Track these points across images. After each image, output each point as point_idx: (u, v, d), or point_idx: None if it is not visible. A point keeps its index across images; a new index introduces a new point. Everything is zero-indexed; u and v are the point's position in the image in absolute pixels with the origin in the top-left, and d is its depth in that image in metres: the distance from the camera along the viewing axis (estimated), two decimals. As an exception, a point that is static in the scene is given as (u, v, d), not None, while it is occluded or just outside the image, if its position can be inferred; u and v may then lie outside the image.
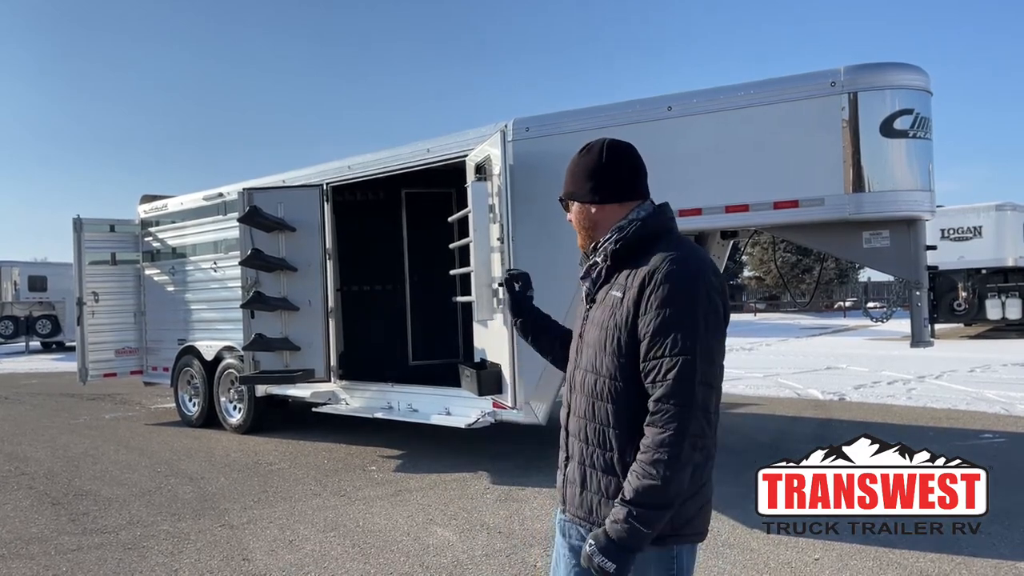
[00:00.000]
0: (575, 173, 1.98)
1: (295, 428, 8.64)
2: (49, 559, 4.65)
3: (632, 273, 1.80)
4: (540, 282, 6.73)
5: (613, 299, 1.82)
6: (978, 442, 7.05)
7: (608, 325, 1.81)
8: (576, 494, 1.88)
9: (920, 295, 5.21)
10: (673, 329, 1.68)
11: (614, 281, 1.85)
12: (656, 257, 1.76)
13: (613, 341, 1.79)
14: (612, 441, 1.80)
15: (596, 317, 1.87)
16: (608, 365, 1.80)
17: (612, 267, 1.87)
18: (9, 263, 25.72)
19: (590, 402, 1.85)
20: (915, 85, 5.11)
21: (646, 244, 1.83)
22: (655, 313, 1.71)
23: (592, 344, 1.86)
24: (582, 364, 1.90)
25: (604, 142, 1.95)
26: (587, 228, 1.96)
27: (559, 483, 1.99)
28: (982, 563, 4.11)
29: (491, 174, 5.91)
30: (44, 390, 13.86)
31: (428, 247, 9.04)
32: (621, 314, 1.78)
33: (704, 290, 1.72)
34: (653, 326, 1.70)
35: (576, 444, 1.90)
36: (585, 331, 1.92)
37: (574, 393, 1.93)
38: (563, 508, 1.96)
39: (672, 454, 1.64)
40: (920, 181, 5.12)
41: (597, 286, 1.91)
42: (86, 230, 9.88)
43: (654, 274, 1.73)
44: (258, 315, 7.51)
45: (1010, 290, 18.66)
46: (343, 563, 4.43)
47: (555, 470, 2.04)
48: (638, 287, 1.75)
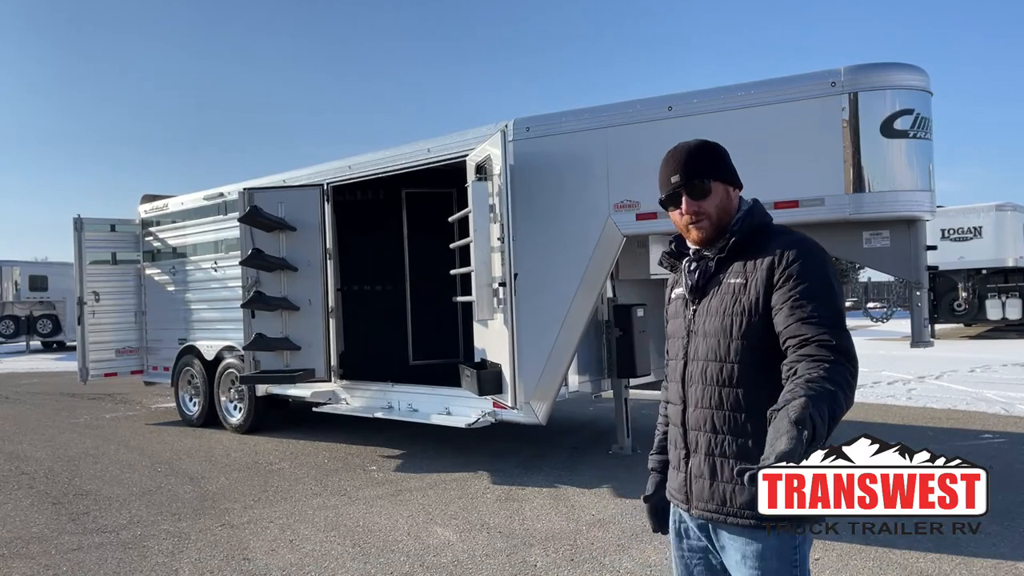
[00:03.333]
0: (716, 154, 1.98)
1: (295, 428, 8.65)
2: (49, 559, 4.66)
3: (751, 261, 1.86)
4: (539, 282, 6.74)
5: (733, 286, 1.86)
6: (978, 442, 7.05)
7: (732, 311, 1.85)
8: (705, 488, 1.88)
9: (920, 295, 5.21)
10: (816, 292, 1.75)
11: (727, 271, 1.90)
12: (777, 241, 1.86)
13: (741, 326, 1.83)
14: (746, 425, 1.82)
15: (713, 307, 1.89)
16: (735, 350, 1.84)
17: (725, 258, 1.91)
18: (9, 263, 25.70)
19: (715, 390, 1.87)
20: (915, 85, 5.11)
21: (758, 234, 1.91)
22: (793, 283, 1.77)
23: (713, 333, 1.88)
24: (699, 356, 1.91)
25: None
26: (725, 215, 1.95)
27: (677, 484, 1.98)
28: (981, 563, 4.11)
29: (491, 174, 5.91)
30: (44, 390, 13.86)
31: (428, 247, 9.05)
32: (747, 298, 1.83)
33: (830, 264, 1.84)
34: (797, 292, 1.76)
35: (702, 436, 1.90)
36: (699, 324, 1.92)
37: (691, 386, 1.93)
38: (686, 507, 1.95)
39: (836, 382, 1.58)
40: (920, 181, 5.12)
41: (705, 279, 1.94)
42: (87, 230, 9.89)
43: (783, 254, 1.81)
44: (258, 315, 7.51)
45: (1010, 290, 18.65)
46: (343, 562, 4.43)
47: (555, 470, 2.05)
48: (766, 269, 1.82)
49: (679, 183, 1.95)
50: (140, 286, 10.25)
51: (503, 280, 5.75)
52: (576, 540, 4.68)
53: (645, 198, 5.54)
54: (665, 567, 4.19)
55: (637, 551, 4.44)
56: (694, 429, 1.92)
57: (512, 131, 6.00)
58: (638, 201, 5.56)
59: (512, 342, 5.78)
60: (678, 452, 1.98)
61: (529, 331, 5.83)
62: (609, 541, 4.64)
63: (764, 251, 1.85)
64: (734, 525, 1.84)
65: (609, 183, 5.69)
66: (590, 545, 4.59)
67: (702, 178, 1.94)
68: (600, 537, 4.71)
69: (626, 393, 6.69)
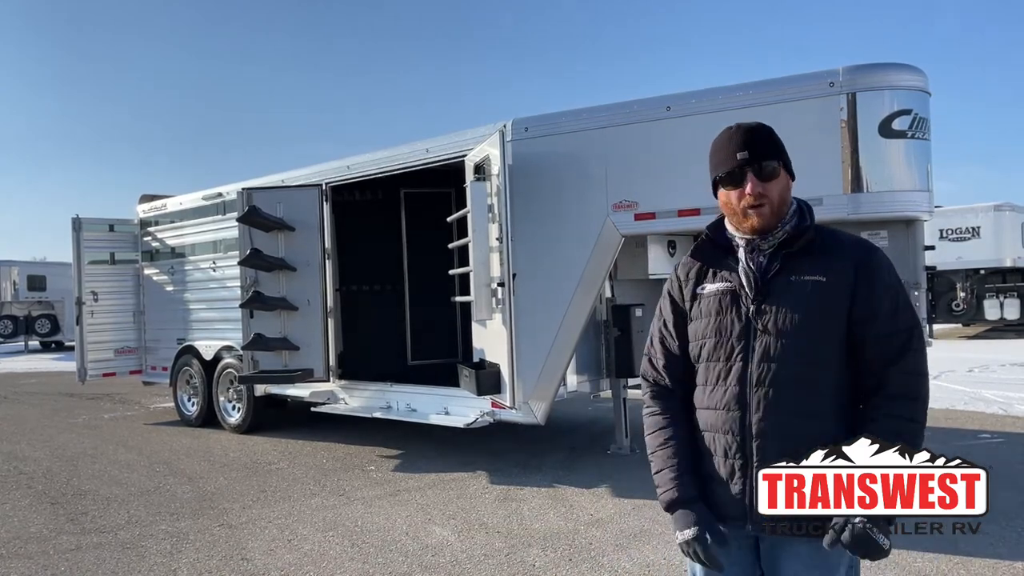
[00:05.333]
0: (773, 140, 1.85)
1: (294, 428, 8.64)
2: (48, 559, 4.65)
3: (827, 257, 1.80)
4: (539, 282, 6.73)
5: (813, 284, 1.77)
6: (976, 442, 7.06)
7: (814, 309, 1.76)
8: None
9: (918, 295, 5.21)
10: (903, 305, 1.80)
11: (798, 267, 1.79)
12: (854, 242, 1.85)
13: (827, 327, 1.77)
14: (830, 432, 1.73)
15: (790, 304, 1.76)
16: (823, 351, 1.77)
17: (794, 253, 1.80)
18: (8, 262, 25.67)
19: (797, 393, 1.75)
20: (913, 85, 5.11)
21: (816, 231, 1.85)
22: (883, 291, 1.79)
23: (794, 333, 1.75)
24: (773, 357, 1.76)
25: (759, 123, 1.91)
26: (781, 204, 1.82)
27: (729, 498, 1.82)
28: (980, 563, 4.12)
29: (490, 174, 5.91)
30: (43, 390, 13.85)
31: (427, 247, 9.04)
32: (832, 298, 1.77)
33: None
34: (886, 303, 1.78)
35: (773, 444, 1.74)
36: (768, 322, 1.77)
37: (759, 389, 1.77)
38: (743, 523, 1.80)
39: (922, 421, 1.75)
40: (918, 181, 5.12)
41: (769, 275, 1.81)
42: (85, 229, 9.88)
43: (869, 258, 1.81)
44: (257, 315, 7.50)
45: (1008, 290, 18.65)
46: (342, 563, 4.43)
47: (553, 470, 2.03)
48: (853, 271, 1.78)
49: (745, 159, 1.79)
50: (139, 286, 10.24)
51: (502, 280, 5.75)
52: (574, 540, 4.67)
53: (643, 198, 5.54)
54: (665, 567, 4.19)
55: (636, 551, 4.44)
56: (761, 436, 1.76)
57: (511, 131, 6.00)
58: (636, 201, 5.56)
59: (511, 342, 5.78)
60: (731, 462, 1.80)
61: (528, 331, 5.83)
62: (607, 541, 4.64)
63: (840, 249, 1.82)
64: (803, 536, 1.73)
65: (607, 183, 5.68)
66: (588, 545, 4.58)
67: (772, 159, 1.82)
68: (598, 537, 4.71)
69: (625, 393, 6.69)
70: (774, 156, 1.82)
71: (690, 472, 1.88)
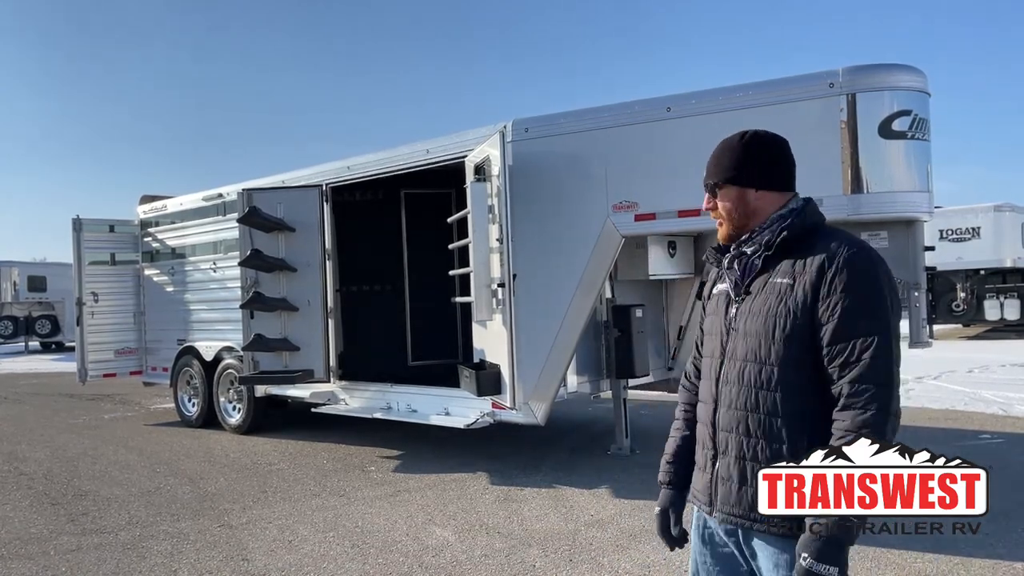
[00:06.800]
0: (737, 157, 1.95)
1: (294, 428, 8.64)
2: (48, 559, 4.65)
3: (800, 261, 1.81)
4: (539, 283, 6.73)
5: (779, 287, 1.81)
6: (976, 442, 7.06)
7: (777, 312, 1.80)
8: (733, 491, 1.83)
9: (918, 296, 5.21)
10: (865, 310, 1.72)
11: (775, 270, 1.85)
12: (831, 244, 1.80)
13: (784, 328, 1.79)
14: (781, 431, 1.77)
15: (756, 307, 1.84)
16: (776, 352, 1.79)
17: (773, 257, 1.86)
18: (8, 263, 25.65)
19: (752, 392, 1.82)
20: (913, 86, 5.12)
21: (808, 234, 1.86)
22: (841, 296, 1.73)
23: (754, 333, 1.83)
24: (738, 355, 1.86)
25: (764, 132, 1.99)
26: (741, 216, 1.93)
27: (702, 485, 1.94)
28: (980, 563, 4.12)
29: (490, 175, 5.91)
30: (43, 390, 13.85)
31: (427, 247, 9.04)
32: (794, 300, 1.78)
33: (885, 274, 1.78)
34: (842, 308, 1.72)
35: (733, 438, 1.85)
36: (739, 323, 1.88)
37: (726, 385, 1.88)
38: (710, 510, 1.91)
39: (878, 434, 1.65)
40: (918, 182, 5.12)
41: (750, 277, 1.89)
42: (85, 230, 9.88)
43: (834, 259, 1.76)
44: (257, 315, 7.51)
45: (1008, 291, 18.65)
46: (342, 563, 4.43)
47: (554, 470, 2.05)
48: (816, 272, 1.76)
49: (704, 178, 1.99)
50: (139, 287, 10.24)
51: (502, 281, 5.75)
52: (574, 540, 4.68)
53: (644, 199, 5.54)
54: (665, 567, 4.19)
55: (636, 551, 4.45)
56: (724, 430, 1.87)
57: (511, 132, 6.01)
58: (636, 202, 5.57)
59: (511, 343, 5.78)
60: (705, 452, 1.93)
61: (528, 332, 5.83)
62: (607, 541, 4.64)
63: (814, 251, 1.80)
64: (764, 532, 1.79)
65: (608, 184, 5.69)
66: (588, 545, 4.59)
67: (713, 179, 1.97)
68: (598, 537, 4.71)
69: (625, 394, 6.69)
70: (716, 176, 1.96)
71: (680, 460, 2.07)
